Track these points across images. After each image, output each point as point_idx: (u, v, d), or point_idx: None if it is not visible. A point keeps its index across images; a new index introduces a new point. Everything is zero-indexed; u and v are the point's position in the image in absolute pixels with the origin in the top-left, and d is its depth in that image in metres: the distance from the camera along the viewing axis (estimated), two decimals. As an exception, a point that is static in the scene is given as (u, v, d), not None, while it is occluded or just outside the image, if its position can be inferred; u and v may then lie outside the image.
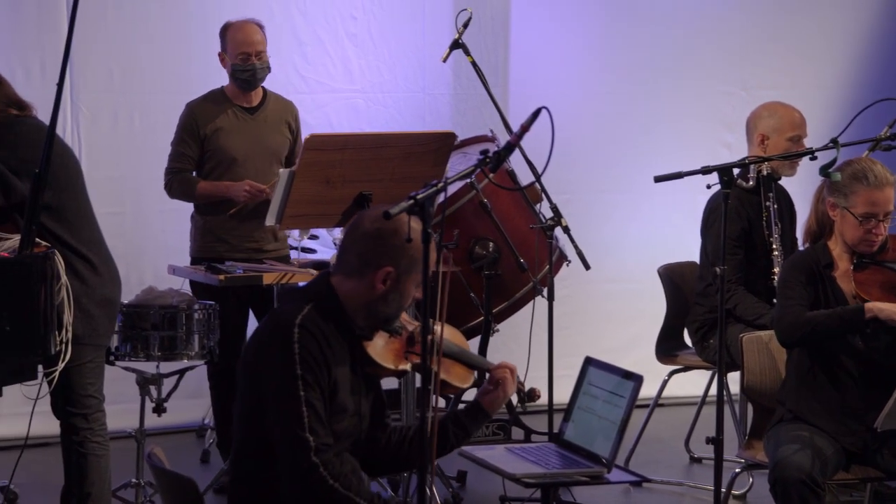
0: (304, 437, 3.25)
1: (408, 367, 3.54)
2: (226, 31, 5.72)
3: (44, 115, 4.61)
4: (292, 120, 5.87)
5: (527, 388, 3.85)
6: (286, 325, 3.32)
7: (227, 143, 5.69)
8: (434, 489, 5.21)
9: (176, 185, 5.73)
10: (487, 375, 3.65)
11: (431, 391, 3.29)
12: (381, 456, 3.57)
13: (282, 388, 3.28)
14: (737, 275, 5.51)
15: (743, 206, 5.60)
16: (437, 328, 3.51)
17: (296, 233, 5.92)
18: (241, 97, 5.76)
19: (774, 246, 5.57)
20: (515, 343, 5.57)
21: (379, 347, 3.49)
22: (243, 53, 5.65)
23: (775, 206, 5.60)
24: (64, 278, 4.38)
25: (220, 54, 5.75)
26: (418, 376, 3.90)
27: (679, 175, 4.42)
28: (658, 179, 4.47)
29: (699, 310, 5.76)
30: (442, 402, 5.16)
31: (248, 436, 3.41)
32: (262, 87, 5.81)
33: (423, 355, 3.25)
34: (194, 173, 5.76)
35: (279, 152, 5.78)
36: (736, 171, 4.53)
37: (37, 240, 4.31)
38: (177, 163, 5.73)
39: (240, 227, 5.69)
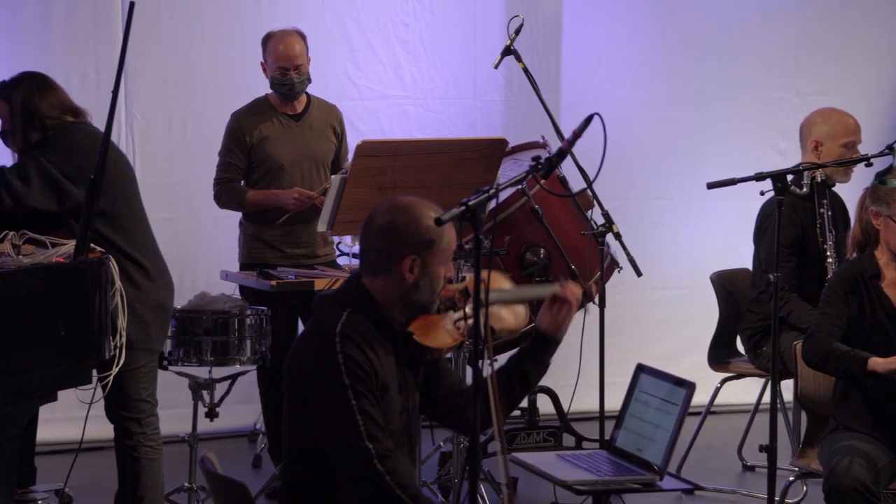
0: (365, 446, 3.24)
1: (461, 336, 3.49)
2: (266, 42, 5.75)
3: (98, 122, 4.65)
4: (337, 124, 5.89)
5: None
6: (327, 335, 3.31)
7: (273, 150, 5.72)
8: (485, 496, 5.22)
9: (225, 195, 5.76)
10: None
11: (477, 373, 3.23)
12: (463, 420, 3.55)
13: (332, 401, 3.27)
14: (789, 282, 5.47)
15: (797, 213, 5.56)
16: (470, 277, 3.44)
17: (348, 239, 5.94)
18: (286, 105, 5.79)
19: (829, 253, 5.52)
20: (566, 350, 5.52)
21: (428, 331, 3.45)
22: (281, 68, 5.67)
23: (829, 213, 5.56)
24: (118, 283, 4.42)
25: (261, 63, 5.78)
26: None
27: (732, 181, 4.39)
28: (711, 186, 4.44)
29: (752, 317, 5.73)
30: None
31: (297, 443, 3.41)
32: (306, 93, 5.83)
33: (476, 347, 3.21)
34: (242, 182, 5.79)
35: (325, 158, 5.80)
36: (789, 177, 4.50)
37: (91, 245, 4.35)
38: (225, 173, 5.76)
39: (288, 232, 5.71)
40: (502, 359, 3.70)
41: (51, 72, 4.85)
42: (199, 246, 6.66)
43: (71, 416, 5.32)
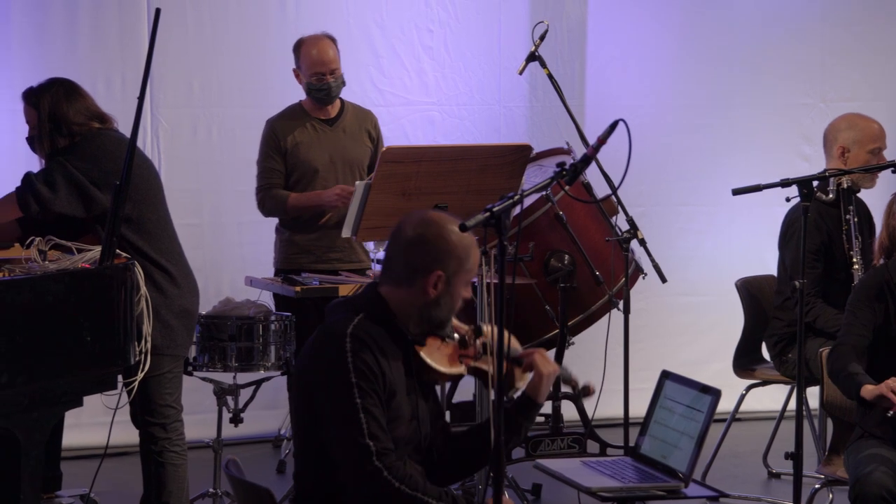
0: (365, 444, 3.25)
1: (463, 370, 3.53)
2: (299, 48, 5.76)
3: (124, 128, 4.68)
4: (372, 128, 5.90)
5: (581, 383, 3.76)
6: (338, 336, 3.33)
7: (308, 155, 5.73)
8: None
9: (268, 201, 5.74)
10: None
11: (500, 395, 3.28)
12: (444, 463, 3.56)
13: (338, 398, 3.28)
14: (815, 288, 5.44)
15: (822, 220, 5.54)
16: (488, 329, 3.51)
17: (371, 244, 5.95)
18: (319, 110, 5.79)
19: (855, 259, 5.50)
20: (591, 356, 5.55)
21: (433, 353, 3.48)
22: (317, 73, 5.68)
23: (855, 220, 5.53)
24: (143, 289, 4.43)
25: (294, 70, 5.79)
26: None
27: (758, 188, 4.38)
28: (736, 192, 4.43)
29: (778, 324, 5.70)
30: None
31: (307, 449, 3.42)
32: (340, 99, 5.84)
33: (499, 363, 3.23)
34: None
35: (360, 162, 5.79)
36: (815, 183, 4.48)
37: (117, 251, 4.36)
38: (266, 179, 5.75)
39: (324, 238, 5.70)
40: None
41: (76, 78, 4.87)
42: (224, 251, 6.68)
43: (96, 422, 5.34)
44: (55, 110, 4.56)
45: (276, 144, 5.73)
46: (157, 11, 4.43)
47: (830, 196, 5.55)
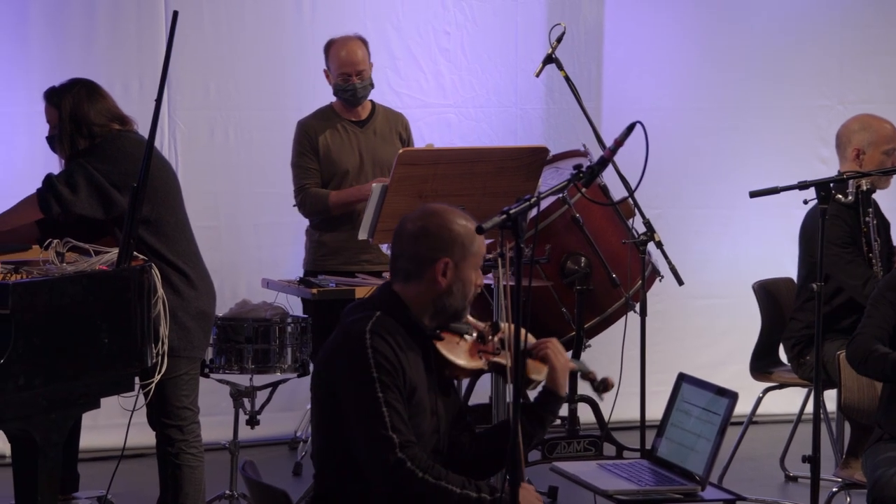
0: (388, 436, 3.26)
1: (482, 364, 3.55)
2: (328, 49, 5.78)
3: (142, 131, 4.69)
4: (402, 130, 5.91)
5: (599, 377, 3.76)
6: (357, 333, 3.35)
7: (339, 156, 5.74)
8: None
9: (308, 200, 5.73)
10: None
11: (518, 390, 3.29)
12: (469, 461, 3.57)
13: (360, 393, 3.30)
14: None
15: (843, 221, 5.52)
16: (505, 325, 3.53)
17: (385, 247, 5.96)
18: (350, 112, 5.81)
19: (874, 261, 5.48)
20: (607, 359, 5.53)
21: (452, 348, 3.51)
22: (344, 73, 5.70)
23: (874, 222, 5.51)
24: (160, 291, 4.44)
25: (324, 71, 5.81)
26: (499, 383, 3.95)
27: (775, 190, 4.37)
28: (754, 195, 4.42)
29: (796, 325, 5.69)
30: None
31: (327, 448, 3.43)
32: (371, 100, 5.85)
33: (517, 358, 3.24)
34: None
35: (391, 163, 5.78)
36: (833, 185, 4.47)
37: (134, 253, 4.37)
38: (304, 179, 5.74)
39: (354, 239, 5.66)
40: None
41: (94, 80, 4.87)
42: (241, 254, 6.68)
43: (113, 423, 5.35)
44: (76, 111, 4.57)
45: (310, 144, 5.73)
46: (175, 14, 4.44)
47: (850, 198, 5.53)
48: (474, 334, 3.56)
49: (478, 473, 3.58)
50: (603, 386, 3.72)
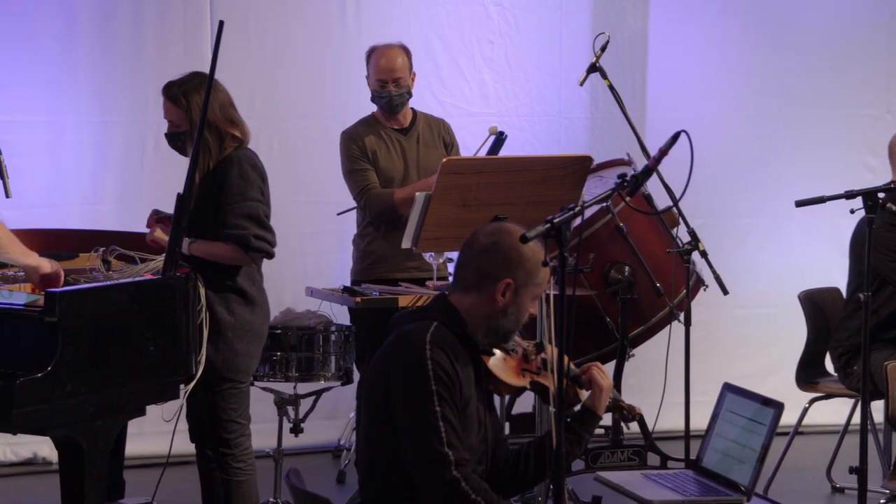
0: (444, 452, 3.25)
1: (525, 383, 3.56)
2: (370, 55, 5.80)
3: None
4: (445, 134, 5.91)
5: (626, 404, 3.76)
6: (417, 342, 3.34)
7: (384, 164, 5.75)
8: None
9: (372, 202, 5.70)
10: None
11: (561, 411, 3.28)
12: (504, 476, 3.57)
13: (417, 405, 3.29)
14: None
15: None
16: (549, 346, 3.55)
17: (429, 255, 5.96)
18: (392, 119, 5.82)
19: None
20: (651, 368, 5.52)
21: (499, 364, 3.52)
22: (380, 80, 5.72)
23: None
24: (203, 300, 4.45)
25: (366, 77, 5.83)
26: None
27: (822, 199, 4.35)
28: (800, 204, 4.40)
29: (842, 334, 5.64)
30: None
31: (377, 457, 3.42)
32: (412, 108, 5.87)
33: (560, 378, 3.24)
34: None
35: (436, 169, 5.78)
36: (881, 195, 4.44)
37: (179, 262, 4.39)
38: (363, 182, 5.71)
39: (399, 244, 5.67)
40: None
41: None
42: (285, 262, 6.67)
43: (158, 431, 5.37)
44: (214, 120, 4.53)
45: (359, 149, 5.73)
46: (221, 24, 4.47)
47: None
48: (519, 351, 3.57)
49: (511, 488, 3.58)
50: (630, 416, 3.73)
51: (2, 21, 6.32)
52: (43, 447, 6.33)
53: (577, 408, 3.62)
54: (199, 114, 4.46)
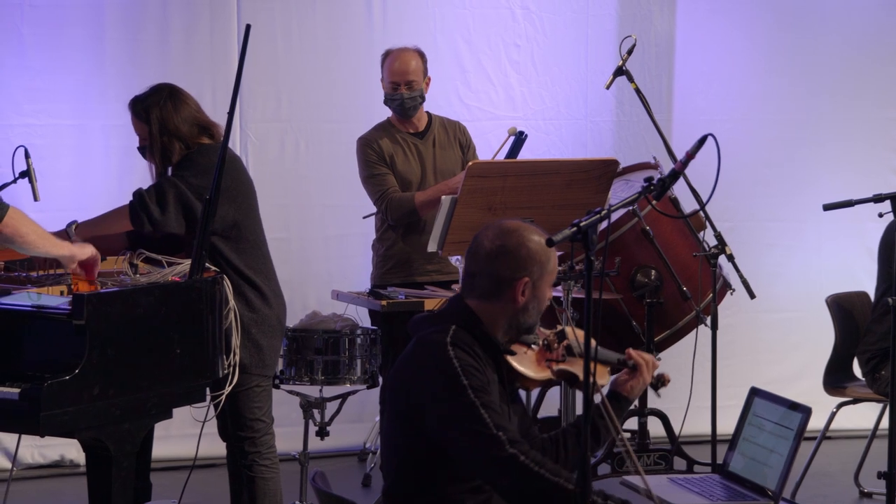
0: (494, 434, 3.23)
1: (550, 374, 3.54)
2: (384, 58, 5.80)
3: (215, 142, 4.72)
4: (461, 136, 5.91)
5: (655, 374, 3.74)
6: (439, 345, 3.34)
7: (401, 168, 5.75)
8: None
9: (393, 206, 5.68)
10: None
11: (591, 402, 3.26)
12: None
13: (454, 403, 3.28)
14: None
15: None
16: (570, 330, 3.53)
17: (454, 259, 5.96)
18: (407, 123, 5.82)
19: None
20: (678, 372, 5.48)
21: (521, 359, 3.51)
22: (393, 83, 5.71)
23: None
24: (232, 302, 4.46)
25: (381, 80, 5.83)
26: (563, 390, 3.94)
27: (850, 203, 4.33)
28: (827, 207, 4.39)
29: (871, 338, 5.62)
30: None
31: (402, 465, 3.42)
32: (427, 112, 5.87)
33: (587, 369, 3.22)
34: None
35: (453, 171, 5.79)
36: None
37: (206, 265, 4.41)
38: (382, 186, 5.71)
39: (419, 251, 5.68)
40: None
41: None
42: (311, 265, 6.72)
43: (185, 434, 5.40)
44: (166, 124, 4.57)
45: (376, 154, 5.73)
46: (248, 27, 4.48)
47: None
48: (541, 342, 3.56)
49: None
50: (660, 381, 3.70)
51: (30, 26, 6.35)
52: (70, 450, 6.36)
53: (605, 389, 3.60)
54: (158, 128, 4.55)
